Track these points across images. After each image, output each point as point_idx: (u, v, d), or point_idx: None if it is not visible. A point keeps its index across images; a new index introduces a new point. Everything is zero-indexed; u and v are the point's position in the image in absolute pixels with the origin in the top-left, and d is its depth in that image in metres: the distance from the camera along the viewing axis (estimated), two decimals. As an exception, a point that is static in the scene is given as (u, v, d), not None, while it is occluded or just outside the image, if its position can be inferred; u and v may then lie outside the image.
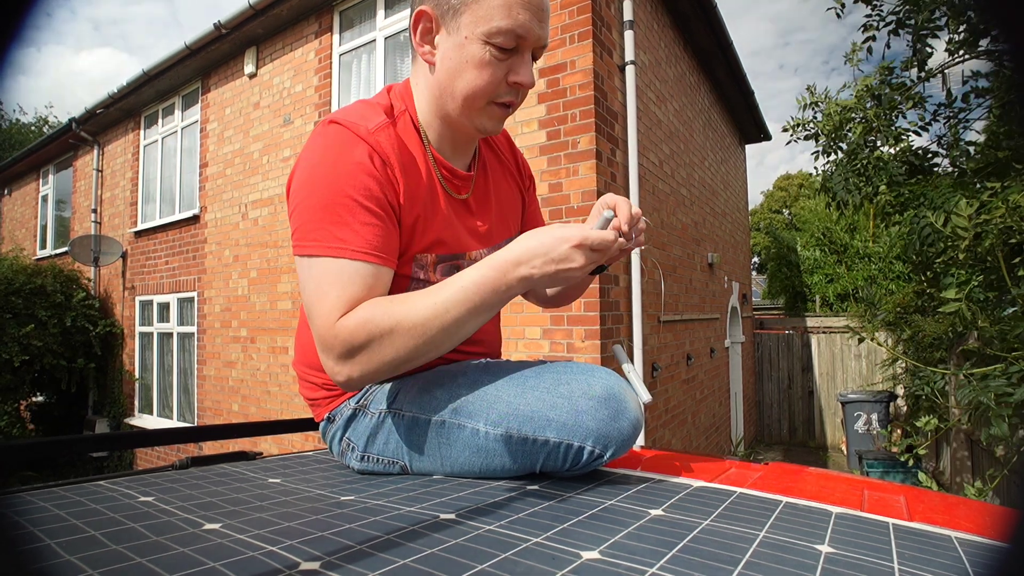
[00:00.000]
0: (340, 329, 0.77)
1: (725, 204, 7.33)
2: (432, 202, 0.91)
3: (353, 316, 0.77)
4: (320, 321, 0.78)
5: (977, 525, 0.67)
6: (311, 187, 0.80)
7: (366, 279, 0.79)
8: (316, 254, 0.79)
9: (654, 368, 4.18)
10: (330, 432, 0.98)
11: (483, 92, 0.86)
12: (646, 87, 4.29)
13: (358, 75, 4.86)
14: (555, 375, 0.83)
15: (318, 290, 0.79)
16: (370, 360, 0.77)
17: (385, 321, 0.76)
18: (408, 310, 0.76)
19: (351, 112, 0.87)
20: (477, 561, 0.51)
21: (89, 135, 8.05)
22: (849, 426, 6.76)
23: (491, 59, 0.83)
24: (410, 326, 0.76)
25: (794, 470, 0.95)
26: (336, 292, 0.78)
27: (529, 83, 0.87)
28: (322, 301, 0.78)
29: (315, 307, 0.79)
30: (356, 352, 0.77)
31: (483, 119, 0.89)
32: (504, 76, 0.85)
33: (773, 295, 12.21)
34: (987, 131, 2.99)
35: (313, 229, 0.79)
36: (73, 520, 0.63)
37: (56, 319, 6.97)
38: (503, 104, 0.88)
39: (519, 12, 0.82)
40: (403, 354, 0.77)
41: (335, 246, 0.78)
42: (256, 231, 5.64)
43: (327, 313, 0.78)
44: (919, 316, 3.50)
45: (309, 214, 0.80)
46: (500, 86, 0.86)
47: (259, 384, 5.57)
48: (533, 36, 0.84)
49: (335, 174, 0.80)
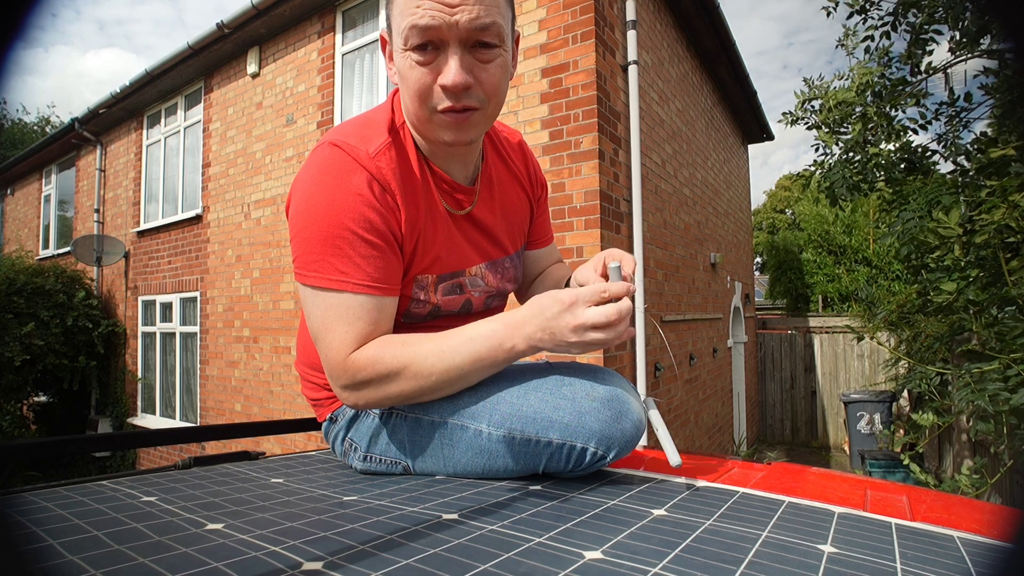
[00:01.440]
0: (349, 364, 0.79)
1: (728, 204, 7.32)
2: (432, 220, 0.89)
3: (362, 354, 0.79)
4: (329, 354, 0.81)
5: (980, 525, 0.67)
6: (310, 217, 0.79)
7: (370, 312, 0.80)
8: (319, 286, 0.80)
9: (656, 368, 4.18)
10: (333, 432, 0.98)
11: (417, 100, 0.80)
12: (649, 87, 4.29)
13: (361, 75, 4.87)
14: (558, 376, 0.82)
15: (324, 323, 0.81)
16: (376, 394, 0.81)
17: (393, 363, 0.79)
18: (415, 354, 0.79)
19: (352, 133, 0.84)
20: (480, 561, 0.51)
21: (92, 135, 8.07)
22: (852, 426, 6.75)
23: (412, 65, 0.78)
24: (416, 371, 0.79)
25: (797, 470, 0.95)
26: (343, 328, 0.80)
27: (452, 83, 0.76)
28: (329, 334, 0.80)
29: (322, 339, 0.82)
30: (362, 386, 0.80)
31: (436, 130, 0.83)
32: (433, 80, 0.78)
33: (775, 297, 12.20)
34: (990, 127, 2.99)
35: (314, 260, 0.79)
36: (76, 520, 0.63)
37: (58, 319, 6.99)
38: (446, 110, 0.79)
39: (418, 4, 0.74)
40: (407, 393, 0.80)
41: (337, 279, 0.79)
42: (259, 231, 5.65)
43: (336, 348, 0.80)
44: (920, 316, 3.49)
45: (309, 245, 0.79)
46: (429, 92, 0.79)
47: (262, 384, 5.58)
48: (446, 25, 0.74)
49: (334, 205, 0.78)
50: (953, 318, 2.81)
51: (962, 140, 3.25)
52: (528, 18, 3.66)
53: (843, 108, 3.58)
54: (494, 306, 1.05)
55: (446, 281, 0.93)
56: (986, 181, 2.49)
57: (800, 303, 11.20)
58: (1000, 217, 2.23)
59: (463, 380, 0.81)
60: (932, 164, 3.38)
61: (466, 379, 0.81)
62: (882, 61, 3.52)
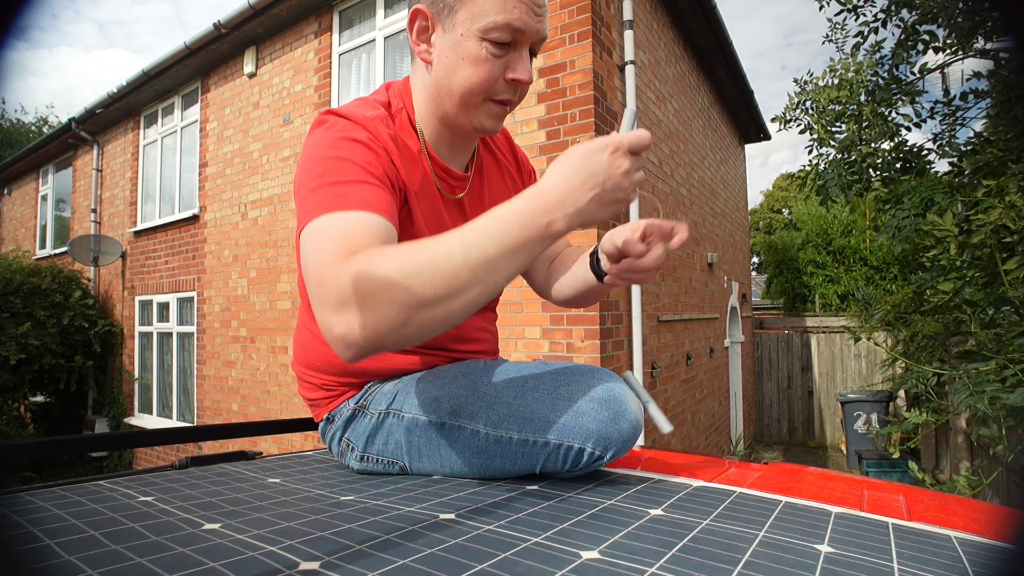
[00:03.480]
0: (342, 273, 0.64)
1: (725, 204, 7.33)
2: (423, 196, 0.90)
3: (358, 257, 0.65)
4: (318, 271, 0.66)
5: (977, 525, 0.68)
6: (311, 165, 0.77)
7: (368, 227, 0.70)
8: (315, 216, 0.71)
9: (653, 368, 4.18)
10: (329, 432, 0.97)
11: (480, 89, 0.84)
12: (646, 87, 4.29)
13: (358, 75, 4.86)
14: (555, 376, 0.82)
15: (317, 247, 0.68)
16: (376, 305, 0.62)
17: (394, 256, 0.64)
18: (424, 245, 0.65)
19: (348, 106, 0.87)
20: (477, 561, 0.51)
21: (88, 135, 8.04)
22: (848, 426, 6.76)
23: (487, 55, 0.81)
24: (428, 258, 0.63)
25: (793, 470, 0.95)
26: (335, 239, 0.68)
27: (528, 79, 0.84)
28: (320, 252, 0.67)
29: (312, 264, 0.68)
30: (360, 299, 0.62)
31: (480, 117, 0.87)
32: (501, 73, 0.83)
33: (773, 296, 12.22)
34: (985, 129, 3.00)
35: (314, 200, 0.73)
36: (73, 520, 0.63)
37: (54, 319, 6.98)
38: (500, 102, 0.86)
39: (515, 6, 0.80)
40: (418, 295, 0.62)
41: (334, 204, 0.71)
42: (256, 231, 5.64)
43: (326, 262, 0.66)
44: (917, 316, 3.50)
45: (308, 188, 0.75)
46: (497, 83, 0.84)
47: (259, 384, 5.57)
48: (531, 30, 0.82)
49: (336, 149, 0.77)
50: (948, 318, 2.82)
51: (957, 140, 3.25)
52: (526, 18, 3.65)
53: (834, 110, 3.59)
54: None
55: None
56: (983, 181, 2.50)
57: (798, 303, 11.21)
58: (997, 217, 2.24)
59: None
60: (927, 163, 3.39)
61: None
62: (871, 58, 3.54)
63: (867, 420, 6.59)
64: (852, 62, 3.67)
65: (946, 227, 2.50)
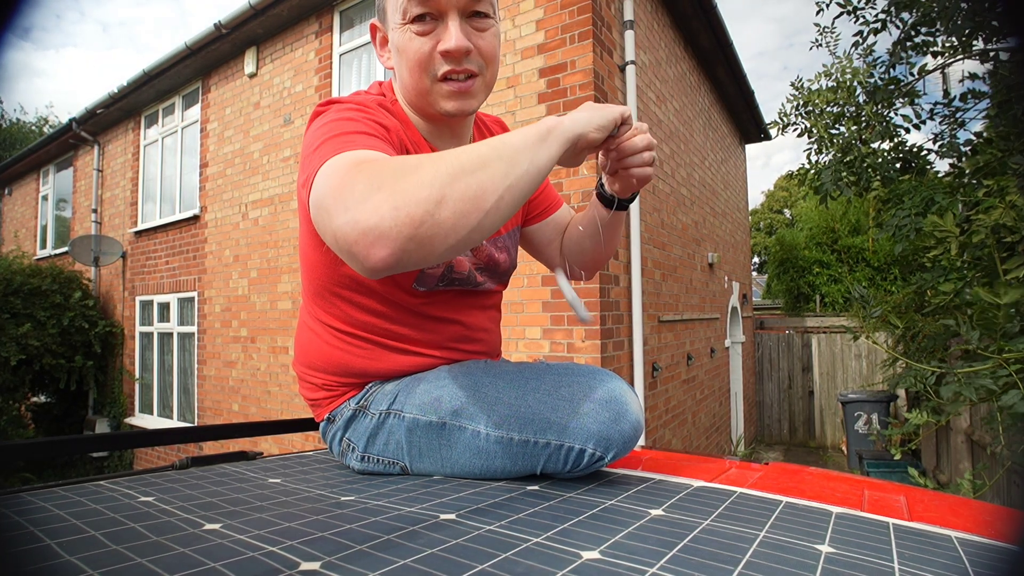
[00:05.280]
0: (363, 170, 0.61)
1: (725, 204, 7.33)
2: None
3: (378, 158, 0.64)
4: (334, 182, 0.61)
5: (977, 525, 0.67)
6: (315, 133, 0.75)
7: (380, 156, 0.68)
8: (322, 163, 0.66)
9: (654, 368, 4.18)
10: (330, 432, 0.97)
11: (416, 71, 0.84)
12: (646, 87, 4.29)
13: (359, 75, 4.86)
14: (556, 377, 0.82)
15: (330, 174, 0.63)
16: (408, 184, 0.58)
17: (412, 158, 0.62)
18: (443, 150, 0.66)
19: (347, 96, 0.89)
20: (477, 561, 0.51)
21: (89, 135, 8.05)
22: (849, 426, 6.75)
23: (411, 37, 0.82)
24: (454, 151, 0.63)
25: (794, 470, 0.95)
26: (348, 159, 0.65)
27: (456, 47, 0.80)
28: (333, 176, 0.62)
29: (327, 187, 0.62)
30: (390, 180, 0.58)
31: (439, 101, 0.86)
32: (431, 49, 0.82)
33: (774, 295, 12.21)
34: (985, 129, 2.99)
35: (318, 155, 0.69)
36: (73, 520, 0.63)
37: (55, 319, 6.98)
38: (446, 79, 0.84)
39: None
40: (448, 169, 0.59)
41: (342, 148, 0.68)
42: (256, 231, 5.64)
43: (343, 172, 0.62)
44: (917, 316, 3.50)
45: (313, 148, 0.71)
46: (432, 60, 0.83)
47: (259, 384, 5.58)
48: None
49: (340, 115, 0.78)
50: (948, 319, 2.82)
51: (957, 140, 3.25)
52: (526, 18, 3.66)
53: (832, 111, 3.59)
54: (486, 286, 1.03)
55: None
56: (984, 181, 2.50)
57: (800, 302, 11.20)
58: (998, 216, 2.23)
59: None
60: (927, 163, 3.39)
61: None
62: (867, 60, 3.54)
63: (868, 420, 6.59)
64: (848, 65, 3.67)
65: (947, 227, 2.49)
